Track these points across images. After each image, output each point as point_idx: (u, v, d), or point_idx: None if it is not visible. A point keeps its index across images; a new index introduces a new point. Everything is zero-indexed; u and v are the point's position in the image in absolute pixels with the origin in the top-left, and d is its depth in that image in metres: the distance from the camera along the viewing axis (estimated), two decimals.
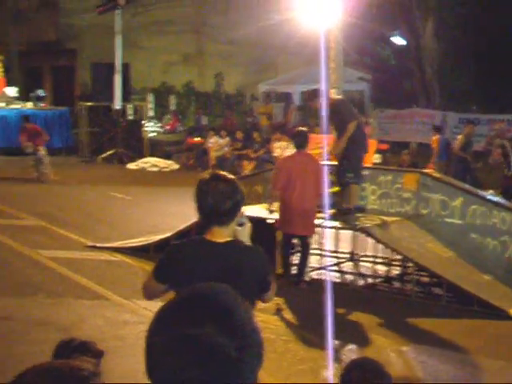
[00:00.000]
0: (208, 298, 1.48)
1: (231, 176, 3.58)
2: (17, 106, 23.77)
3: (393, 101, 24.39)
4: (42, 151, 17.56)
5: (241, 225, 3.61)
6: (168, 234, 10.42)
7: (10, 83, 26.25)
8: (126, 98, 23.60)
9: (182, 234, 10.17)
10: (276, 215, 9.11)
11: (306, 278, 9.07)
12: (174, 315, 1.45)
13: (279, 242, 9.22)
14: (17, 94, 24.77)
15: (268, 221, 9.16)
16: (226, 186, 3.47)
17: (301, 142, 9.16)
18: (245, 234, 3.64)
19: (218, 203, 3.44)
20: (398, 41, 25.05)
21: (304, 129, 9.95)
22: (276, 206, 9.14)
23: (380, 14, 23.66)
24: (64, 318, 7.55)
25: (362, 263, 9.94)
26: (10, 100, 23.83)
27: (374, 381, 2.91)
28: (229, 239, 3.54)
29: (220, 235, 3.53)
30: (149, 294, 3.74)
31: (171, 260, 3.57)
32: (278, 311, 8.05)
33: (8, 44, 32.64)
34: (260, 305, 8.80)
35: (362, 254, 10.18)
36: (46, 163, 17.65)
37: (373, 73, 26.27)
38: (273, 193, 9.27)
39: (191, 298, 1.49)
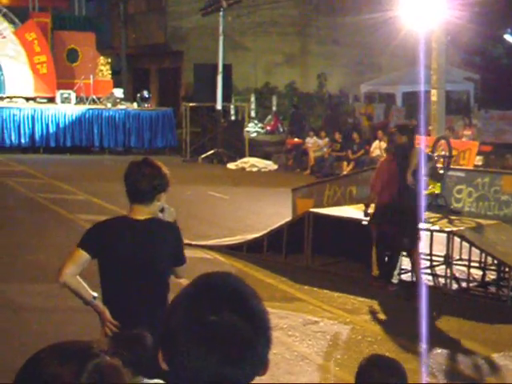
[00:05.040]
0: (222, 284, 1.54)
1: (158, 163, 3.99)
2: (123, 106, 24.57)
3: (501, 101, 23.62)
4: None
5: (161, 211, 4.09)
6: (261, 234, 10.53)
7: (118, 85, 27.17)
8: (228, 98, 23.89)
9: (273, 234, 10.26)
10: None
11: (394, 280, 8.91)
12: (192, 303, 1.51)
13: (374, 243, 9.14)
14: (123, 95, 25.57)
15: (363, 222, 9.08)
16: (150, 170, 3.91)
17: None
18: (168, 218, 4.14)
19: (137, 183, 3.89)
20: (510, 39, 24.29)
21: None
22: (372, 208, 9.07)
23: (490, 12, 23.00)
24: None
25: (456, 267, 9.68)
26: (117, 101, 24.65)
27: (390, 379, 2.85)
28: (148, 216, 3.95)
29: (140, 213, 3.94)
30: (68, 266, 3.84)
31: (97, 232, 3.98)
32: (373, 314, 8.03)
33: (117, 47, 33.79)
34: (348, 306, 8.70)
35: (457, 257, 9.92)
36: None
37: (482, 72, 25.52)
38: (370, 195, 9.20)
39: (206, 287, 1.54)
